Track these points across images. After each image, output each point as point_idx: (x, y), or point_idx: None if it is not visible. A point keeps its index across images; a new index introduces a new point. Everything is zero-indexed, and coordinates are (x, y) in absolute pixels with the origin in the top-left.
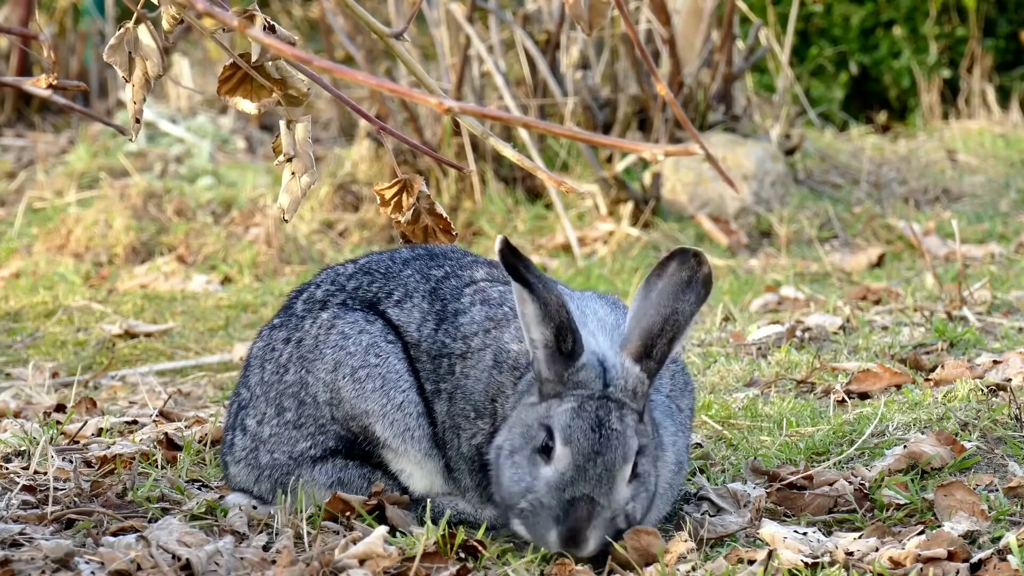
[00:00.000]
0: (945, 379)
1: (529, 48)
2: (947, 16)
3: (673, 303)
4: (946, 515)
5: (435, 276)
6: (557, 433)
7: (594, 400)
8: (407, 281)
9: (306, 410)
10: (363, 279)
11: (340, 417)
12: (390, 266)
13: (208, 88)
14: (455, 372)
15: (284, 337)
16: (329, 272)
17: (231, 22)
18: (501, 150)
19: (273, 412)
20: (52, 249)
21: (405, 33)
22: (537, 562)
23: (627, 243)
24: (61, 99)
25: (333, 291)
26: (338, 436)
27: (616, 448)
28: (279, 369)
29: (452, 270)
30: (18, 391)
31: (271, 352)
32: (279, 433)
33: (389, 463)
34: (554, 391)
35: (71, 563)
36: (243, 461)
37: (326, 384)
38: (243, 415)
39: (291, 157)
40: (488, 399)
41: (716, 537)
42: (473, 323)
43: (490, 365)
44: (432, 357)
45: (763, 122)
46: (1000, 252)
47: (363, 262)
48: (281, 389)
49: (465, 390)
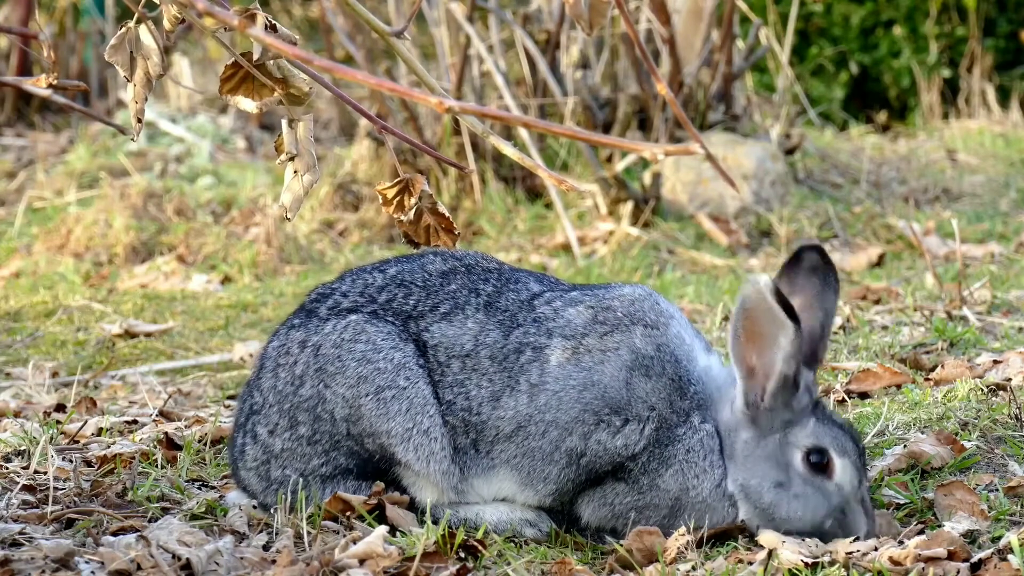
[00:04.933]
0: (945, 379)
1: (529, 48)
2: (947, 16)
3: (821, 303)
4: (946, 515)
5: (486, 291)
6: (832, 450)
7: (817, 410)
8: (455, 295)
9: (322, 426)
10: (397, 291)
11: (356, 433)
12: (427, 279)
13: (208, 88)
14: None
15: (300, 340)
16: (356, 279)
17: (232, 21)
18: (502, 148)
19: (286, 424)
20: (52, 249)
21: (405, 32)
22: (537, 562)
23: (627, 243)
24: (61, 99)
25: (363, 302)
26: (351, 452)
27: (859, 438)
28: (294, 380)
29: (501, 284)
30: (18, 391)
31: (285, 356)
32: (292, 448)
33: (402, 478)
34: (784, 419)
35: (71, 563)
36: (254, 471)
37: (345, 400)
38: (254, 421)
39: (293, 156)
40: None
41: (715, 534)
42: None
43: (628, 364)
44: (502, 359)
45: (763, 122)
46: (1000, 252)
47: (394, 273)
48: (296, 403)
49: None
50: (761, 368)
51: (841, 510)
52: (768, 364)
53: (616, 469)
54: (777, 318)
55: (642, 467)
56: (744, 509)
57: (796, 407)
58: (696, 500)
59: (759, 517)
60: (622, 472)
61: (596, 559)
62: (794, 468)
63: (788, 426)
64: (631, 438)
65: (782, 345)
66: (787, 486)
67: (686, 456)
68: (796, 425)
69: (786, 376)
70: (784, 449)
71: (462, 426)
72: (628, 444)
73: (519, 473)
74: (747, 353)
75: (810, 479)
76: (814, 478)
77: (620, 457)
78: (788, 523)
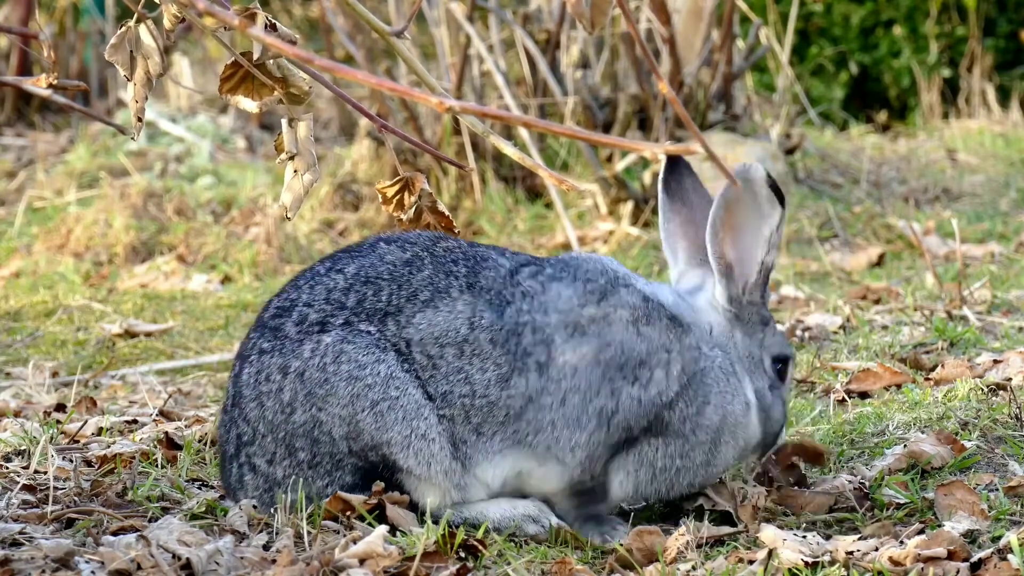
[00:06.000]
0: (945, 378)
1: (529, 47)
2: (947, 15)
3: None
4: (946, 514)
5: (461, 272)
6: (791, 359)
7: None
8: (431, 281)
9: (321, 448)
10: (365, 290)
11: (358, 449)
12: (393, 271)
13: (208, 87)
14: (554, 342)
15: (280, 365)
16: (313, 285)
17: (232, 21)
18: (502, 148)
19: (284, 452)
20: (52, 248)
21: (405, 32)
22: (537, 561)
23: (627, 242)
24: (61, 98)
25: (330, 310)
26: (355, 469)
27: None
28: (284, 409)
29: (472, 263)
30: (18, 390)
31: (267, 383)
32: (294, 474)
33: (404, 483)
34: (762, 316)
35: (71, 562)
36: (257, 498)
37: (342, 419)
38: (248, 452)
39: (293, 155)
40: (647, 348)
41: (716, 537)
42: (569, 296)
43: (629, 319)
44: (503, 341)
45: (763, 121)
46: (1000, 251)
47: (354, 271)
48: (290, 430)
49: (600, 347)
50: (740, 262)
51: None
52: (749, 256)
53: (652, 425)
54: (764, 205)
55: (681, 415)
56: (755, 416)
57: (767, 302)
58: (733, 424)
59: (762, 424)
60: (659, 426)
61: (596, 559)
62: (767, 371)
63: (764, 324)
64: (662, 384)
65: (765, 234)
66: (774, 387)
67: (717, 387)
68: (768, 326)
69: (766, 265)
70: (761, 351)
71: (462, 414)
72: (661, 391)
73: (534, 450)
74: (725, 248)
75: (776, 384)
76: (779, 384)
77: (656, 406)
78: (773, 427)
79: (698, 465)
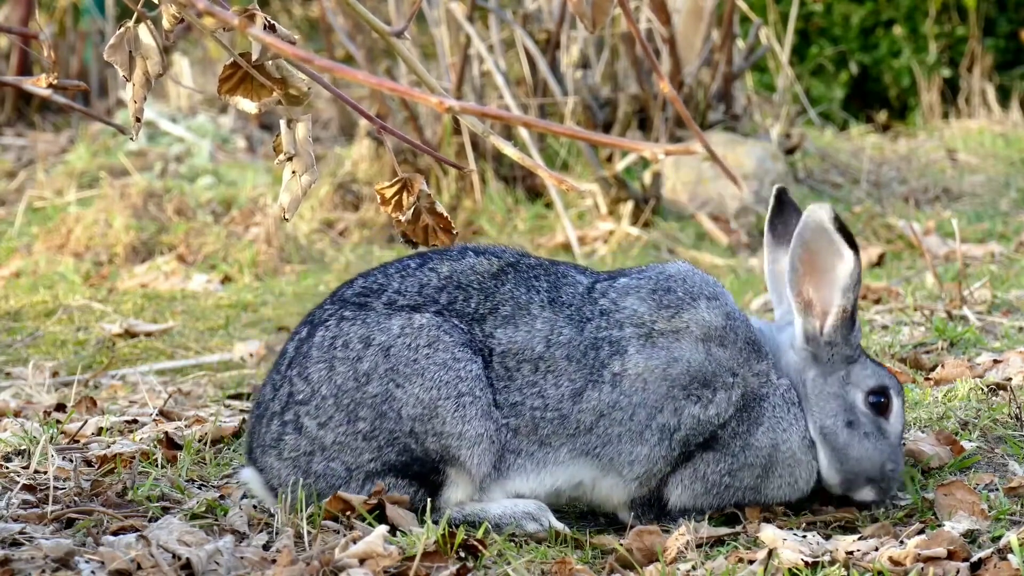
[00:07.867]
0: (945, 378)
1: (529, 47)
2: (947, 15)
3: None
4: (946, 514)
5: (543, 287)
6: (892, 390)
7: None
8: (513, 296)
9: (384, 423)
10: (456, 294)
11: (421, 431)
12: (482, 281)
13: (208, 87)
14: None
15: (362, 336)
16: (406, 276)
17: (231, 21)
18: (502, 148)
19: (343, 419)
20: (52, 248)
21: (405, 32)
22: (537, 561)
23: (627, 242)
24: (61, 98)
25: (422, 302)
26: (405, 449)
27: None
28: (360, 377)
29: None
30: (18, 390)
31: (345, 349)
32: (345, 442)
33: (446, 475)
34: (845, 355)
35: (71, 562)
36: (290, 461)
37: (420, 401)
38: (300, 411)
39: (292, 156)
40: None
41: (716, 537)
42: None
43: (701, 337)
44: (581, 355)
45: (763, 121)
46: (1000, 251)
47: (447, 273)
48: (359, 399)
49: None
50: (819, 302)
51: (896, 456)
52: (827, 297)
53: (707, 440)
54: (837, 248)
55: (732, 431)
56: (823, 455)
57: (854, 342)
58: (786, 455)
59: (834, 462)
60: (713, 441)
61: (596, 559)
62: (858, 408)
63: (849, 363)
64: (721, 407)
65: (840, 276)
66: (856, 425)
67: (773, 412)
68: (856, 363)
69: (844, 309)
70: (846, 389)
71: (529, 426)
72: (720, 413)
73: (598, 461)
74: (804, 287)
75: (873, 419)
76: (876, 419)
77: (712, 426)
78: (859, 464)
79: (746, 487)
